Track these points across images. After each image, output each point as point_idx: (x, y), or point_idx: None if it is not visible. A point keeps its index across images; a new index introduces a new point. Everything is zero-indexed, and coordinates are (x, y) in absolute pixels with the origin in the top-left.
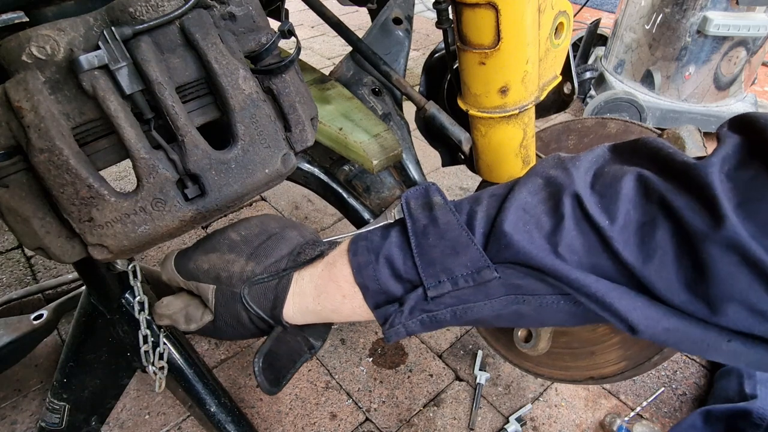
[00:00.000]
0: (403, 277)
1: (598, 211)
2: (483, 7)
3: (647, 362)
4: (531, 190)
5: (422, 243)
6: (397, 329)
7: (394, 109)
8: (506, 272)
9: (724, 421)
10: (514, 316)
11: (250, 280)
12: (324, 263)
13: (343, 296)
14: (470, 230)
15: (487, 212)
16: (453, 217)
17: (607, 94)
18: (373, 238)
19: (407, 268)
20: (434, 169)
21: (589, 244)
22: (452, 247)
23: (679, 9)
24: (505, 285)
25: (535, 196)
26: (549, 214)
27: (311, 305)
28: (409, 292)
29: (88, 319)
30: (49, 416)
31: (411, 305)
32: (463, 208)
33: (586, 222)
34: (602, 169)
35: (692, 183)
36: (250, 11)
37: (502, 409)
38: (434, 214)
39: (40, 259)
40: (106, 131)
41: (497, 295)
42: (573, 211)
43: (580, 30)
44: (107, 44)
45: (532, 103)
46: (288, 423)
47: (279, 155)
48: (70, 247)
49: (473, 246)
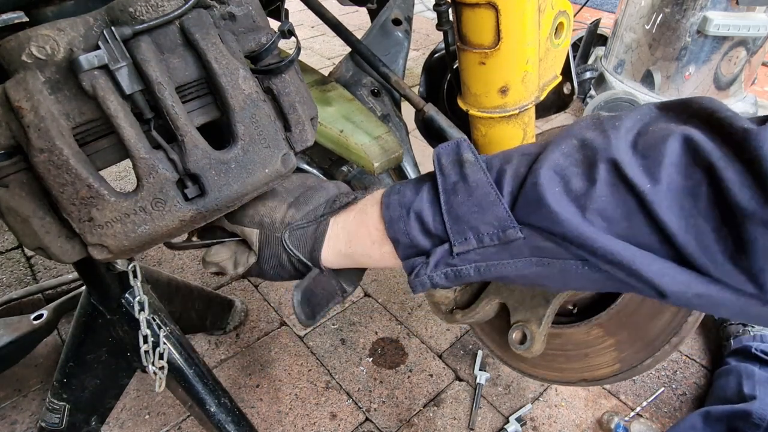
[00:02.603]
0: (432, 233)
1: (639, 173)
2: (483, 7)
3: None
4: (564, 151)
5: (451, 200)
6: (422, 280)
7: (392, 111)
8: (531, 233)
9: (724, 421)
10: (536, 277)
11: (291, 225)
12: (357, 210)
13: (373, 242)
14: (498, 188)
15: (516, 171)
16: (483, 174)
17: (607, 94)
18: (406, 192)
19: (436, 224)
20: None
21: (625, 208)
22: (479, 205)
23: (679, 9)
24: (529, 246)
25: (568, 158)
26: (581, 177)
27: (344, 249)
28: (437, 246)
29: (88, 319)
30: (49, 416)
31: (437, 259)
32: (493, 165)
33: (624, 185)
34: (647, 128)
35: (747, 154)
36: (250, 11)
37: (502, 409)
38: (464, 171)
39: (40, 259)
40: (106, 131)
41: (521, 256)
42: (608, 175)
43: (580, 30)
44: (107, 44)
45: (532, 103)
46: (288, 423)
47: (279, 155)
48: (70, 247)
49: (500, 204)
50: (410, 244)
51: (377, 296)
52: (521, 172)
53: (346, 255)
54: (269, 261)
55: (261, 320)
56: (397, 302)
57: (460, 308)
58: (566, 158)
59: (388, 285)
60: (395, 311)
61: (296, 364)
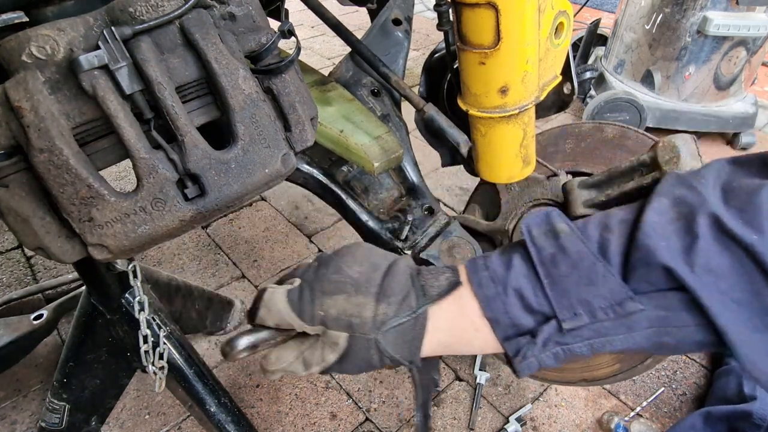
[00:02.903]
0: (535, 309)
1: (740, 226)
2: (483, 7)
3: (640, 365)
4: (659, 210)
5: (552, 273)
6: (530, 362)
7: (392, 111)
8: (650, 303)
9: (724, 421)
10: (654, 347)
11: (385, 324)
12: (452, 295)
13: (476, 330)
14: (605, 259)
15: (620, 240)
16: (583, 245)
17: (607, 94)
18: (495, 268)
19: (539, 299)
20: (434, 169)
21: (732, 262)
22: (587, 278)
23: (679, 9)
24: (649, 317)
25: (663, 216)
26: (681, 234)
27: (444, 339)
28: (542, 323)
29: (88, 319)
30: (49, 416)
31: (545, 337)
32: (590, 236)
33: (729, 238)
34: (729, 185)
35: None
36: (250, 11)
37: (502, 409)
38: (561, 242)
39: (40, 259)
40: (106, 131)
41: (639, 328)
42: (710, 230)
43: (580, 30)
44: (107, 44)
45: (532, 103)
46: (288, 423)
47: (279, 155)
48: (70, 247)
49: (611, 277)
50: (511, 323)
51: None
52: (624, 241)
53: (446, 345)
54: (355, 361)
55: None
56: None
57: None
58: (662, 216)
59: None
60: None
61: None
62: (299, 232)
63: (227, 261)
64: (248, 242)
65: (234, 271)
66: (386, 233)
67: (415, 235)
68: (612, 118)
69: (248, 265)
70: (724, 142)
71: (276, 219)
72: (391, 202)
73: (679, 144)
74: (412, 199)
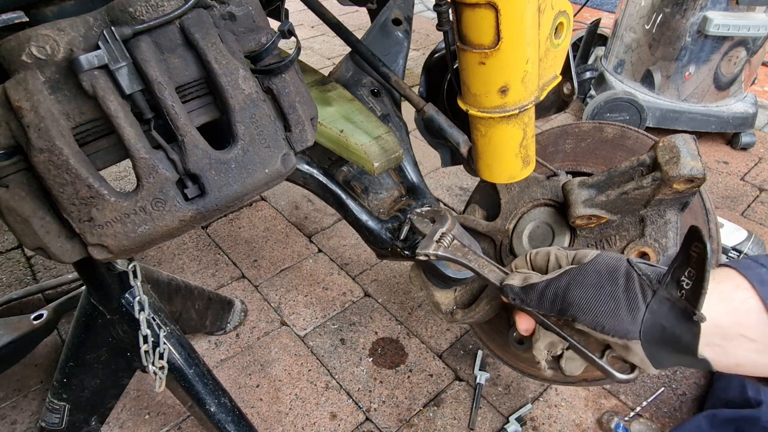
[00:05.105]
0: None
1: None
2: (483, 7)
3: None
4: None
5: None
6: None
7: (392, 111)
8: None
9: (731, 424)
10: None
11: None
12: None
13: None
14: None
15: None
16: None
17: (607, 94)
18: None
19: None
20: (434, 169)
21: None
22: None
23: (679, 9)
24: None
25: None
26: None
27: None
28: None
29: (88, 319)
30: (49, 416)
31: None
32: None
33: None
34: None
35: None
36: (250, 11)
37: (502, 409)
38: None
39: (40, 259)
40: (106, 131)
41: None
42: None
43: (580, 30)
44: (107, 44)
45: (532, 103)
46: (288, 423)
47: (279, 155)
48: (70, 247)
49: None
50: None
51: (377, 296)
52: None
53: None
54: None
55: (261, 320)
56: (397, 302)
57: (460, 308)
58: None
59: (388, 285)
60: (395, 311)
61: (296, 364)
62: (299, 232)
63: (227, 261)
64: (248, 242)
65: (234, 271)
66: (386, 233)
67: (415, 235)
68: (612, 118)
69: (248, 265)
70: (724, 142)
71: (276, 219)
72: (391, 202)
73: (679, 144)
74: (412, 199)
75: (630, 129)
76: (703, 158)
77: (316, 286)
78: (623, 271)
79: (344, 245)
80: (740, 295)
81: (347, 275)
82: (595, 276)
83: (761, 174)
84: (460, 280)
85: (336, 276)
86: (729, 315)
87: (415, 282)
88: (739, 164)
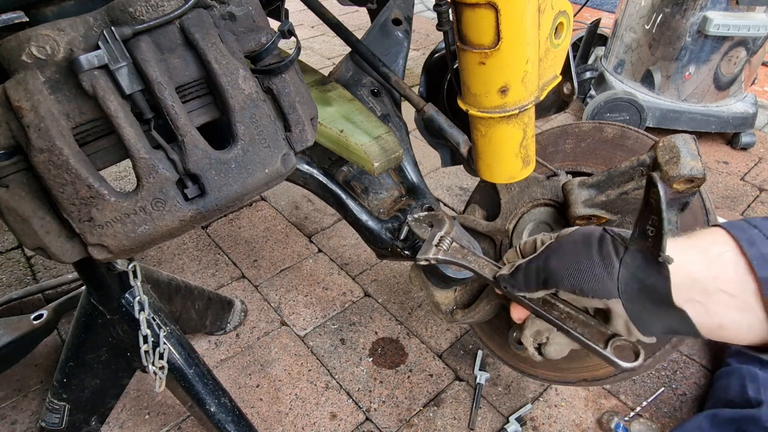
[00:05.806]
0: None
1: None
2: (483, 7)
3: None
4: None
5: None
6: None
7: (392, 111)
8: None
9: (732, 424)
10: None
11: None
12: (697, 253)
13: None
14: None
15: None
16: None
17: (607, 94)
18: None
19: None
20: (434, 169)
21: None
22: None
23: (679, 9)
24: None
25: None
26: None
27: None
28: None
29: (88, 319)
30: (49, 416)
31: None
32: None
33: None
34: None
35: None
36: (250, 11)
37: (502, 409)
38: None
39: (40, 259)
40: (106, 131)
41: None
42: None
43: (580, 30)
44: (107, 44)
45: (532, 103)
46: (288, 423)
47: (279, 155)
48: (70, 247)
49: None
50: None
51: (377, 296)
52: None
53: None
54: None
55: (261, 320)
56: (397, 302)
57: (460, 308)
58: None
59: (388, 285)
60: (395, 311)
61: (296, 364)
62: (299, 232)
63: (227, 261)
64: (248, 242)
65: (234, 271)
66: (386, 233)
67: (414, 235)
68: (612, 118)
69: (248, 265)
70: (724, 142)
71: (276, 219)
72: (391, 202)
73: (679, 144)
74: (412, 199)
75: (630, 129)
76: (703, 158)
77: (316, 286)
78: (597, 236)
79: (344, 245)
80: (717, 250)
81: (347, 275)
82: (571, 245)
83: (761, 174)
84: (460, 280)
85: (336, 276)
86: (706, 268)
87: (415, 282)
88: (739, 164)
